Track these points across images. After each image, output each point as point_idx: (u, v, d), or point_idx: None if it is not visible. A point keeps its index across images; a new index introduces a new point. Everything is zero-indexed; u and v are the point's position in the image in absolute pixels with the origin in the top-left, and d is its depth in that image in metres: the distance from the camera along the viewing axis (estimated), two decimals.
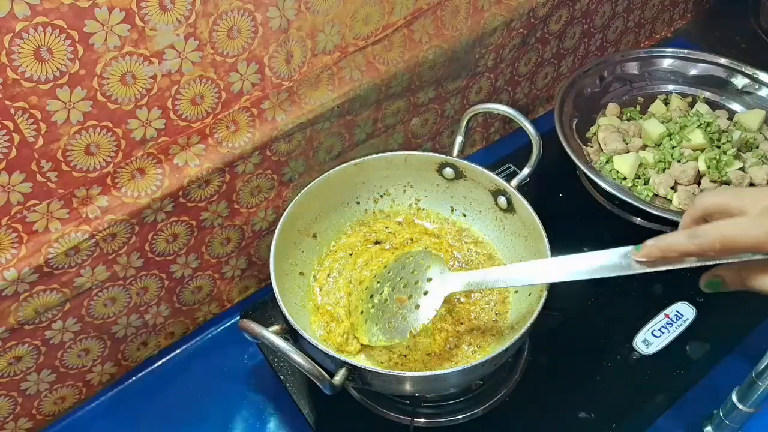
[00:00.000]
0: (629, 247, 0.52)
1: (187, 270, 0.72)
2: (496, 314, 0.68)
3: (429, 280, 0.62)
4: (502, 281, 0.60)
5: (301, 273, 0.70)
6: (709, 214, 0.49)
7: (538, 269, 0.58)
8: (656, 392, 0.68)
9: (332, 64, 0.68)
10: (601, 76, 0.93)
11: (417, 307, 0.61)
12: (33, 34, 0.48)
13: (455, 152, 0.73)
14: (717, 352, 0.72)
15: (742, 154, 0.83)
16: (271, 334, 0.52)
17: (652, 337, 0.72)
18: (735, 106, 0.92)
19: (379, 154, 0.73)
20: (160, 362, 0.76)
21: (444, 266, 0.63)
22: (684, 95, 0.94)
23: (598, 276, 0.54)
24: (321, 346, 0.54)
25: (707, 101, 0.93)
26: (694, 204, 0.50)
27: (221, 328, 0.79)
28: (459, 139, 0.73)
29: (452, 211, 0.77)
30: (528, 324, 0.56)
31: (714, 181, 0.79)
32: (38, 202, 0.55)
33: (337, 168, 0.70)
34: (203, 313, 0.79)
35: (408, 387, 0.57)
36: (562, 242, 0.62)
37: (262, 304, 0.75)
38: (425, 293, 0.61)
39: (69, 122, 0.53)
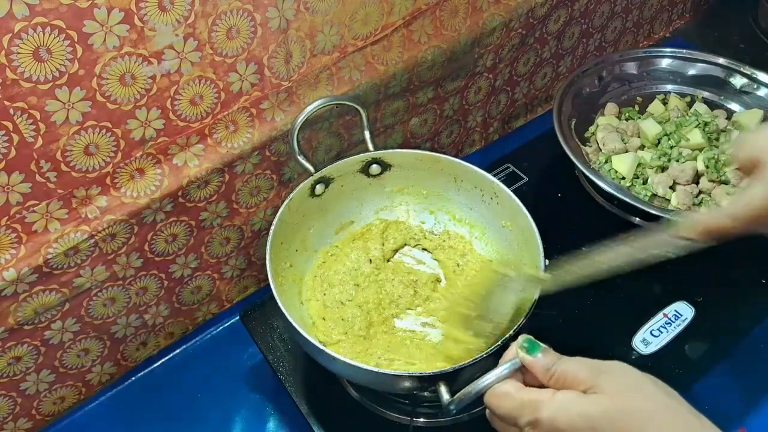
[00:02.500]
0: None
1: (187, 270, 0.72)
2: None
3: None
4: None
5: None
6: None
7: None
8: None
9: (331, 65, 0.68)
10: (600, 76, 0.93)
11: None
12: (32, 34, 0.48)
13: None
14: (716, 351, 0.72)
15: None
16: None
17: (651, 337, 0.72)
18: (733, 106, 0.92)
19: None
20: (159, 362, 0.76)
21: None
22: (682, 95, 0.94)
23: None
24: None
25: (706, 101, 0.93)
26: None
27: (221, 328, 0.79)
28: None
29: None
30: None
31: (713, 181, 0.79)
32: (37, 202, 0.55)
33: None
34: (203, 313, 0.79)
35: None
36: (560, 242, 0.62)
37: (262, 305, 0.75)
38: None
39: (68, 122, 0.53)
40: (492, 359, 0.54)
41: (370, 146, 0.71)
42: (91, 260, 0.62)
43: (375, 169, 0.72)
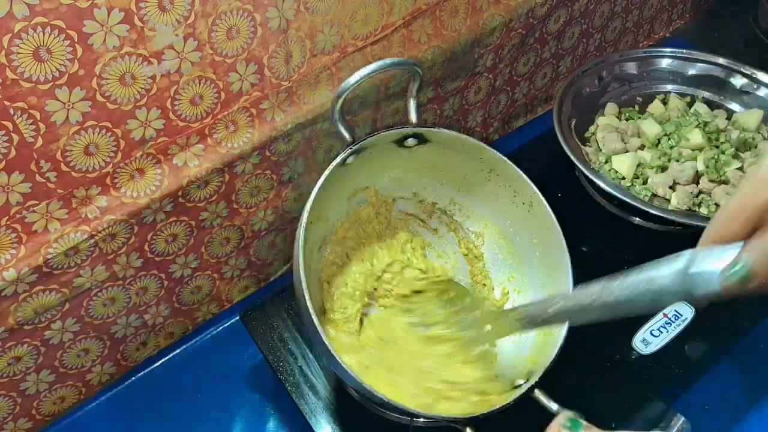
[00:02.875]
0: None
1: (187, 270, 0.72)
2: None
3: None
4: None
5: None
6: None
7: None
8: (655, 392, 0.68)
9: (331, 65, 0.68)
10: (600, 76, 0.93)
11: None
12: (32, 34, 0.48)
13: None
14: (716, 351, 0.72)
15: (740, 153, 0.83)
16: None
17: (651, 337, 0.72)
18: (734, 106, 0.92)
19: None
20: (159, 362, 0.76)
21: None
22: (683, 95, 0.94)
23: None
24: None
25: (706, 101, 0.93)
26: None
27: (221, 328, 0.79)
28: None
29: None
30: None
31: (713, 181, 0.79)
32: (37, 202, 0.55)
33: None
34: (203, 313, 0.79)
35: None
36: None
37: (262, 305, 0.75)
38: None
39: (68, 122, 0.53)
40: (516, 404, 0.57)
41: (414, 117, 0.66)
42: (91, 260, 0.62)
43: (410, 141, 0.69)
